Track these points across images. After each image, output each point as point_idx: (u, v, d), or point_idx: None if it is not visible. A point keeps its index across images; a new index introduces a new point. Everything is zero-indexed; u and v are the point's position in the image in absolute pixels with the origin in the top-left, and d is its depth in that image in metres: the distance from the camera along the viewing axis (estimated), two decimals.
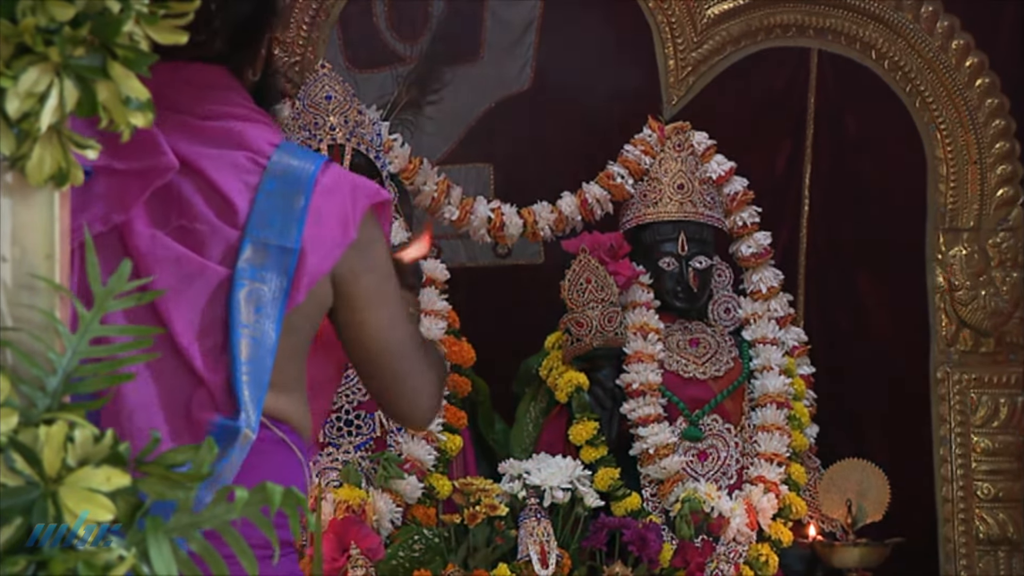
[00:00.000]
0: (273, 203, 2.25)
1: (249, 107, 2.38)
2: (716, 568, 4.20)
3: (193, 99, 2.33)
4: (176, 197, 2.26)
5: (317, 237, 2.26)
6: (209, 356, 2.19)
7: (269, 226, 2.23)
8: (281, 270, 2.23)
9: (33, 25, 1.63)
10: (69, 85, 1.65)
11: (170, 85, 2.30)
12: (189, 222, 2.25)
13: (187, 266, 2.23)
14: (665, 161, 4.58)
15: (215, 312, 2.22)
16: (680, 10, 4.55)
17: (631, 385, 4.42)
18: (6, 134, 1.66)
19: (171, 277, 2.22)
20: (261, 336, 2.20)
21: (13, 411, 1.62)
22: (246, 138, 2.31)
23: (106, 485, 1.61)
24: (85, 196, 2.21)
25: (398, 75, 4.79)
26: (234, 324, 2.19)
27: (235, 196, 2.26)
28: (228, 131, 2.31)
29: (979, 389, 4.55)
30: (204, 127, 2.31)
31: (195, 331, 2.20)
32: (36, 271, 1.71)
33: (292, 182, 2.27)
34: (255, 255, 2.23)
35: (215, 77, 2.37)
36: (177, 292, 2.22)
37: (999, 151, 4.57)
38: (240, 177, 2.28)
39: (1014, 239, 4.57)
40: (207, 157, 2.28)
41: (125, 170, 2.23)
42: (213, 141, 2.30)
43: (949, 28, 4.54)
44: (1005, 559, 4.48)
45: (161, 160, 2.24)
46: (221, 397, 2.18)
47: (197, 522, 1.64)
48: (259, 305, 2.21)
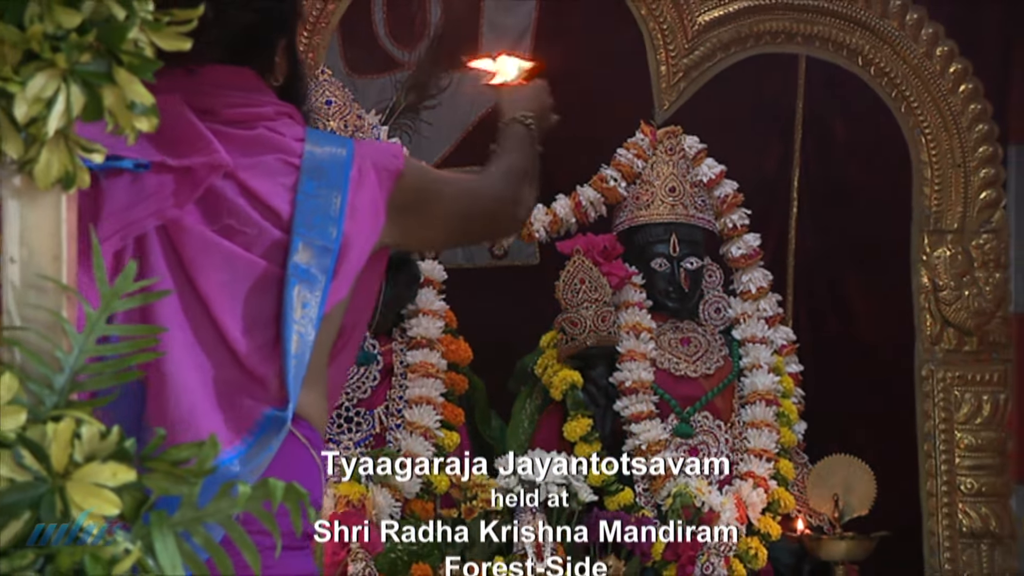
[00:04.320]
0: (314, 204, 2.27)
1: (274, 103, 2.39)
2: (707, 561, 4.20)
3: (221, 102, 2.33)
4: (222, 198, 2.26)
5: (354, 233, 2.29)
6: (259, 351, 2.21)
7: (313, 226, 2.25)
8: (323, 268, 2.25)
9: (40, 32, 1.63)
10: (76, 90, 1.65)
11: (197, 90, 2.32)
12: (237, 222, 2.26)
13: (237, 263, 2.24)
14: (657, 164, 4.58)
15: (264, 308, 2.23)
16: (672, 17, 4.55)
17: (624, 383, 4.42)
18: (14, 138, 1.66)
19: (221, 273, 2.23)
20: (305, 332, 2.22)
21: (21, 408, 1.62)
22: (275, 141, 2.33)
23: (112, 480, 1.61)
24: (138, 191, 2.22)
25: (397, 80, 4.79)
26: (287, 321, 2.21)
27: (275, 200, 2.28)
28: (258, 137, 2.32)
29: (963, 387, 4.55)
30: (235, 135, 2.31)
31: (244, 326, 2.21)
32: (44, 272, 1.70)
33: (327, 181, 2.29)
34: (304, 254, 2.25)
35: (240, 78, 2.37)
36: (227, 288, 2.23)
37: (982, 155, 4.57)
38: (277, 180, 2.29)
39: (997, 240, 4.57)
40: (243, 167, 2.29)
41: (179, 167, 2.24)
42: (245, 148, 2.31)
43: (933, 35, 4.54)
44: (988, 552, 4.48)
45: (214, 157, 2.24)
46: (269, 388, 2.20)
47: (201, 516, 1.64)
48: (306, 302, 2.23)
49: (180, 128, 2.26)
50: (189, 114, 2.28)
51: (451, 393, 4.39)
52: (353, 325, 2.39)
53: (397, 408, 4.34)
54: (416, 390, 4.32)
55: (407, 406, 4.32)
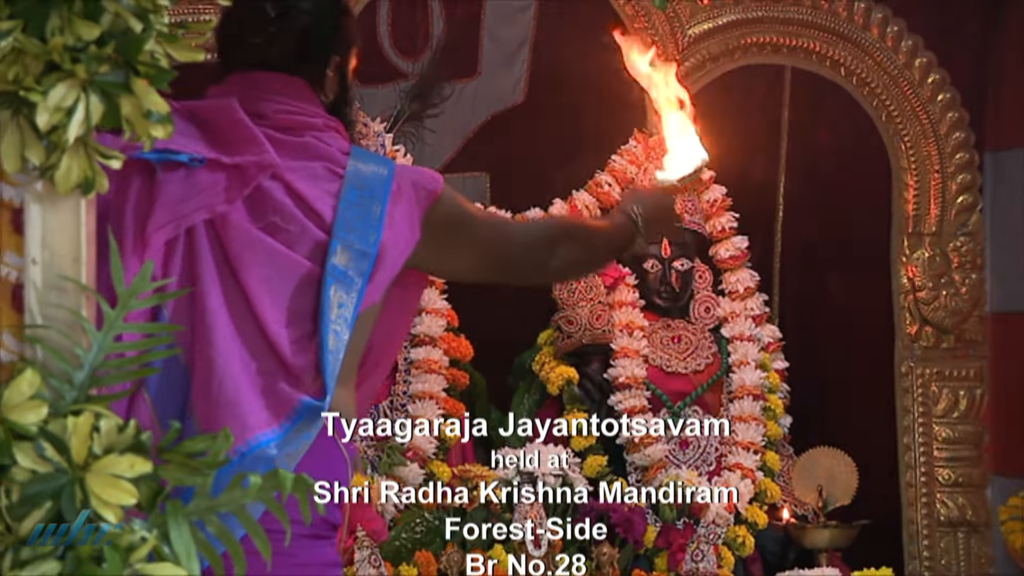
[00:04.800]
0: (355, 212, 2.29)
1: (323, 116, 2.41)
2: (696, 549, 4.20)
3: (273, 108, 2.35)
4: (269, 197, 2.28)
5: (391, 241, 2.30)
6: (296, 344, 2.22)
7: (353, 230, 2.27)
8: (360, 271, 2.26)
9: (61, 44, 1.63)
10: (95, 100, 1.65)
11: (252, 95, 2.34)
12: (281, 220, 2.27)
13: (279, 260, 2.25)
14: (649, 170, 4.58)
15: (303, 303, 2.24)
16: (663, 30, 4.55)
17: (618, 378, 4.42)
18: (36, 146, 1.66)
19: (263, 268, 2.24)
20: (340, 331, 2.23)
21: (43, 403, 1.62)
22: (322, 150, 2.34)
23: (130, 471, 1.61)
24: (192, 186, 2.24)
25: (401, 90, 4.79)
26: (325, 318, 2.22)
27: (319, 203, 2.29)
28: (306, 144, 2.34)
29: (940, 382, 4.55)
30: (285, 140, 2.33)
31: (284, 320, 2.22)
32: (64, 273, 1.71)
33: (369, 192, 2.30)
34: (342, 256, 2.26)
35: (292, 87, 2.38)
36: (268, 283, 2.24)
37: (959, 161, 4.57)
38: (321, 186, 2.31)
39: (973, 243, 4.57)
40: (291, 169, 2.30)
41: (231, 164, 2.25)
42: (294, 153, 2.32)
43: (913, 47, 4.54)
44: (964, 540, 4.48)
45: (264, 157, 2.26)
46: (305, 380, 2.21)
47: (215, 506, 1.65)
48: (342, 302, 2.25)
49: (234, 129, 2.28)
50: (243, 116, 2.30)
51: (453, 388, 4.39)
52: (382, 346, 2.41)
53: (401, 403, 4.34)
54: (419, 385, 4.32)
55: (411, 400, 4.32)
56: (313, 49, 2.41)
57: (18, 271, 1.70)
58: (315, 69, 2.42)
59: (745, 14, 4.54)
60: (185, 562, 1.60)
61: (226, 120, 2.29)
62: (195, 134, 2.28)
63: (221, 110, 2.32)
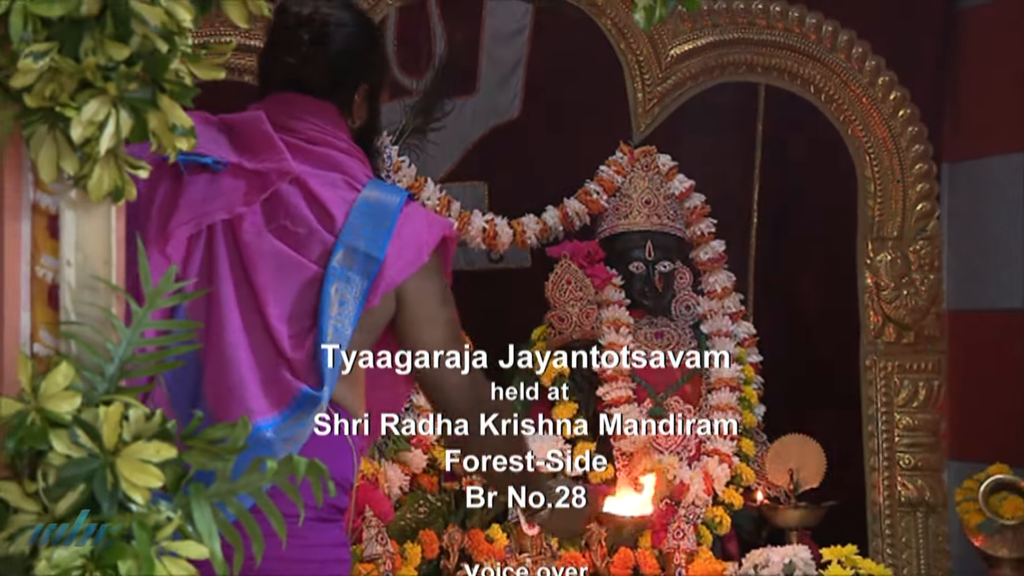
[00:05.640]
0: (365, 220, 2.29)
1: (348, 142, 2.41)
2: (677, 527, 4.20)
3: (302, 126, 2.36)
4: (284, 202, 2.29)
5: (397, 253, 2.30)
6: (295, 338, 2.23)
7: (361, 236, 2.28)
8: (364, 274, 2.26)
9: (94, 63, 1.63)
10: (124, 115, 1.65)
11: (282, 112, 2.35)
12: (292, 224, 2.28)
13: (285, 261, 2.26)
14: (634, 180, 4.58)
15: (304, 302, 2.25)
16: (647, 51, 4.55)
17: (605, 371, 4.42)
18: (70, 157, 1.66)
19: (270, 267, 2.25)
20: (341, 328, 2.23)
21: (77, 393, 1.62)
22: (344, 164, 2.35)
23: (156, 456, 1.61)
24: (215, 188, 2.25)
25: (405, 106, 4.78)
26: (324, 315, 2.23)
27: (334, 208, 2.30)
28: (329, 156, 2.35)
29: (901, 375, 4.55)
30: (311, 150, 2.34)
31: (285, 316, 2.23)
32: (96, 274, 1.71)
33: (381, 208, 2.31)
34: (345, 258, 2.27)
35: (322, 110, 2.39)
36: (273, 281, 2.25)
37: (918, 171, 4.57)
38: (339, 193, 2.32)
39: (931, 247, 4.57)
40: (312, 175, 2.31)
41: (252, 169, 2.26)
42: (317, 162, 2.33)
43: (876, 67, 4.54)
44: (923, 519, 4.49)
45: (283, 164, 2.27)
46: (303, 371, 2.21)
47: (234, 489, 1.65)
48: (343, 300, 2.25)
49: (258, 138, 2.30)
50: (268, 128, 2.32)
51: None
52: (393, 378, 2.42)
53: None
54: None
55: (415, 392, 4.31)
56: (342, 74, 2.41)
57: (54, 272, 1.71)
58: (344, 94, 2.42)
59: (723, 36, 4.53)
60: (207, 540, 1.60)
61: (253, 130, 2.30)
62: (224, 141, 2.30)
63: (250, 121, 2.34)
